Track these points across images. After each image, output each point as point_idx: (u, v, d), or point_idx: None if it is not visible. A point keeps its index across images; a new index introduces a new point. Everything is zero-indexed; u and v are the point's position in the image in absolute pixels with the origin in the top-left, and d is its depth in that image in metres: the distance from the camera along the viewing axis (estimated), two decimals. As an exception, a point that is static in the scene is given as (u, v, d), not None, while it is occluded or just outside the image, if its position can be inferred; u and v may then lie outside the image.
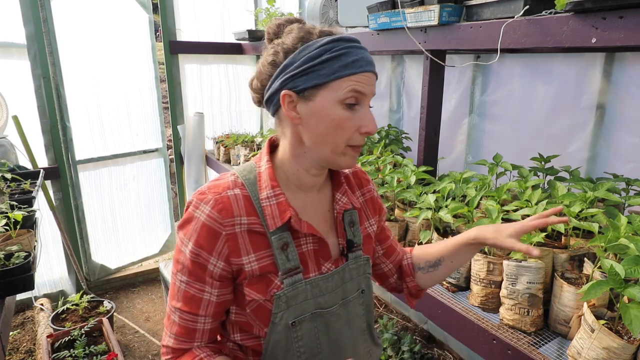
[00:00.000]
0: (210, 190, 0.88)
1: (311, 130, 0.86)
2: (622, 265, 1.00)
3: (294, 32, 0.87)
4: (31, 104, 2.92)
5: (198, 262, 0.86)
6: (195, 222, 0.85)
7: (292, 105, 0.86)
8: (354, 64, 0.84)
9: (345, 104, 0.84)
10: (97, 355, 2.33)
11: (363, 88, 0.84)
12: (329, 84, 0.83)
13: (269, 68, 0.88)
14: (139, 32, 3.31)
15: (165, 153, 3.69)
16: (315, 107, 0.84)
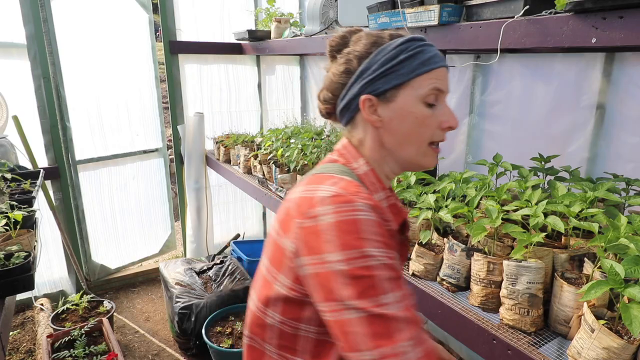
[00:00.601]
0: (350, 190, 0.76)
1: (394, 131, 0.87)
2: (622, 265, 1.00)
3: (364, 38, 0.89)
4: (31, 104, 2.92)
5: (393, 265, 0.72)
6: (365, 224, 0.71)
7: (372, 109, 0.87)
8: (431, 60, 0.85)
9: (425, 102, 0.85)
10: (97, 355, 2.33)
11: (442, 84, 0.86)
12: (409, 82, 0.85)
13: (342, 77, 0.89)
14: (139, 32, 3.31)
15: (165, 153, 3.69)
16: (397, 107, 0.85)
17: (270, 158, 2.62)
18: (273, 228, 0.85)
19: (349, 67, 0.88)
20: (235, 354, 2.47)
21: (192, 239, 3.67)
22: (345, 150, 0.92)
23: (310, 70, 3.90)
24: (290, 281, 0.78)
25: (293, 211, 0.78)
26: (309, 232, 0.73)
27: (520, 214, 1.33)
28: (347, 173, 0.86)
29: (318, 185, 0.79)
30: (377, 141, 0.89)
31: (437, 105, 0.86)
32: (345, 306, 0.68)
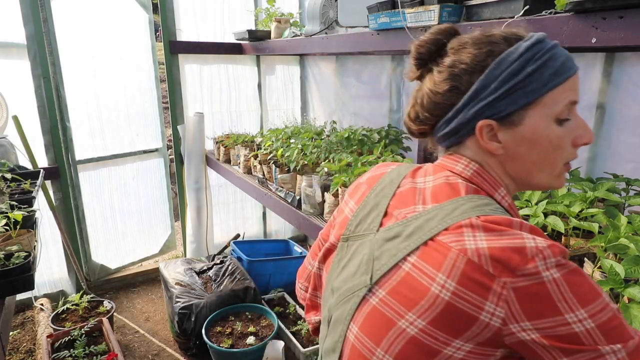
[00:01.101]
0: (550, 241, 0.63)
1: (521, 159, 0.73)
2: (622, 265, 1.00)
3: (471, 45, 0.73)
4: (31, 104, 2.92)
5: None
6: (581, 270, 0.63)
7: (491, 134, 0.73)
8: (564, 67, 0.70)
9: (559, 119, 0.71)
10: (97, 355, 2.33)
11: (577, 96, 0.72)
12: (541, 99, 0.70)
13: (446, 96, 0.74)
14: (139, 32, 3.31)
15: (165, 153, 3.69)
16: (525, 131, 0.71)
17: (270, 158, 2.62)
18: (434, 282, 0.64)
19: (456, 85, 0.73)
20: (235, 354, 2.47)
21: (192, 239, 3.67)
22: (482, 177, 0.75)
23: (310, 70, 3.90)
24: (474, 345, 0.64)
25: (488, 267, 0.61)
26: (531, 293, 0.60)
27: (520, 213, 1.32)
28: (502, 210, 0.71)
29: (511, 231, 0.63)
30: (498, 167, 0.76)
31: (570, 119, 0.72)
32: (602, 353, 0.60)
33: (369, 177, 0.92)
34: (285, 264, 3.40)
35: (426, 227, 0.69)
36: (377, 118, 3.10)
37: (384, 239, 0.75)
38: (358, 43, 2.03)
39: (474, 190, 0.73)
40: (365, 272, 0.74)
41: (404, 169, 0.86)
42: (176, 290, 2.75)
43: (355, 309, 0.74)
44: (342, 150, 2.34)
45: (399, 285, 0.69)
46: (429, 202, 0.74)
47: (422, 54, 0.78)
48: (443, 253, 0.65)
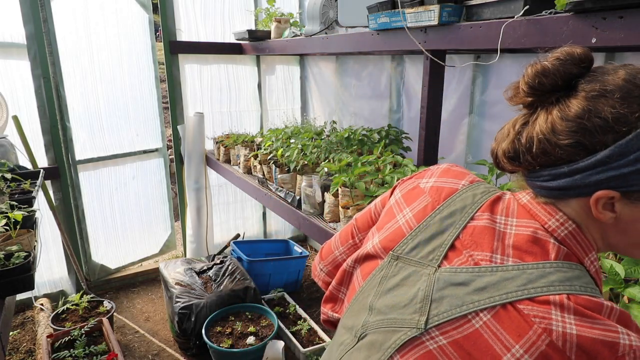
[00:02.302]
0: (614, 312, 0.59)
1: (630, 234, 0.64)
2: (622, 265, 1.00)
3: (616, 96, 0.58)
4: (31, 104, 2.92)
5: None
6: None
7: (608, 204, 0.62)
8: None
9: None
10: (97, 355, 2.33)
11: None
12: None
13: (567, 151, 0.61)
14: (139, 32, 3.31)
15: (165, 153, 3.69)
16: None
17: (270, 158, 2.62)
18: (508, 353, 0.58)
19: (583, 142, 0.60)
20: (235, 354, 2.47)
21: (192, 239, 3.67)
22: (576, 240, 0.66)
23: (310, 70, 3.91)
24: None
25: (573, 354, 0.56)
26: None
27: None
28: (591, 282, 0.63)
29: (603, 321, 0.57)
30: (598, 232, 0.67)
31: None
32: None
33: (434, 186, 0.80)
34: (285, 264, 3.40)
35: (504, 288, 0.62)
36: (377, 118, 3.10)
37: (448, 282, 0.67)
38: (358, 43, 2.03)
39: (565, 255, 0.64)
40: (419, 312, 0.67)
41: (480, 193, 0.75)
42: (176, 290, 2.75)
43: (402, 344, 0.68)
44: (342, 150, 2.34)
45: (465, 340, 0.62)
46: (510, 255, 0.65)
47: (543, 85, 0.63)
48: (524, 326, 0.58)
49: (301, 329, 2.75)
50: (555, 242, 0.64)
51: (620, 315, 0.58)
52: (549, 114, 0.63)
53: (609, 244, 0.68)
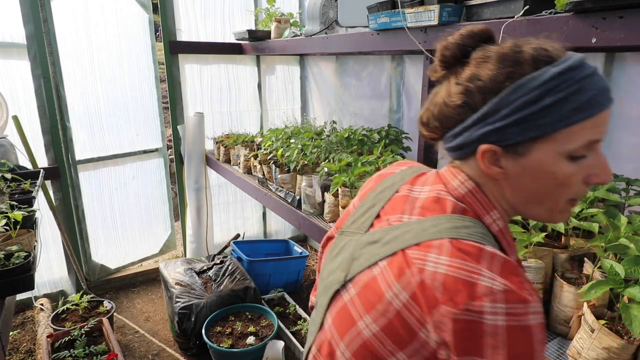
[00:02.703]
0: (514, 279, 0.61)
1: (520, 188, 0.69)
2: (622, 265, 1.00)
3: (494, 60, 0.66)
4: (31, 104, 2.92)
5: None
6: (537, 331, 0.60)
7: (493, 159, 0.68)
8: (592, 102, 0.62)
9: (572, 156, 0.64)
10: (97, 355, 2.33)
11: (601, 134, 0.64)
12: (553, 135, 0.63)
13: (458, 111, 0.69)
14: (139, 32, 3.31)
15: (165, 153, 3.69)
16: (528, 164, 0.66)
17: (270, 158, 2.62)
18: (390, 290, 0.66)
19: (467, 101, 0.68)
20: (235, 354, 2.47)
21: (192, 239, 3.67)
22: (474, 197, 0.72)
23: (310, 70, 3.91)
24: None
25: (437, 292, 0.61)
26: (467, 329, 0.59)
27: (520, 214, 1.32)
28: (485, 234, 0.68)
29: (478, 265, 0.61)
30: (497, 190, 0.71)
31: (588, 155, 0.65)
32: None
33: (380, 174, 0.93)
34: (285, 264, 3.40)
35: (402, 238, 0.70)
36: (377, 118, 3.10)
37: (367, 242, 0.77)
38: (358, 43, 2.03)
39: (461, 210, 0.70)
40: (343, 270, 0.78)
41: (409, 172, 0.85)
42: (176, 290, 2.75)
43: (329, 302, 0.79)
44: (342, 150, 2.34)
45: (366, 287, 0.71)
46: (416, 214, 0.73)
47: (446, 57, 0.71)
48: (405, 267, 0.66)
49: (301, 329, 2.75)
50: (453, 199, 0.72)
51: (504, 264, 0.62)
52: (449, 81, 0.72)
53: (509, 203, 0.72)
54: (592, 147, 0.65)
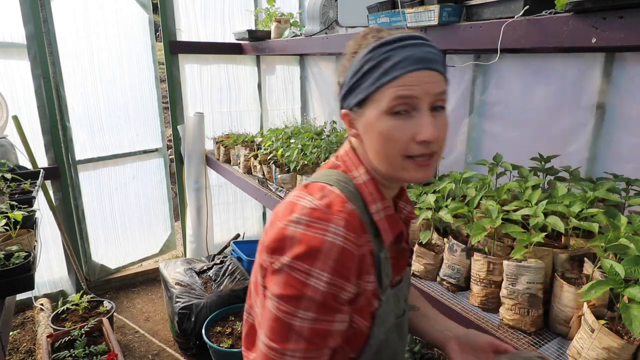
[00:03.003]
0: (332, 208, 0.75)
1: (368, 146, 0.81)
2: (622, 265, 1.00)
3: (351, 45, 0.83)
4: (31, 104, 2.92)
5: (334, 294, 0.73)
6: (330, 247, 0.72)
7: (351, 122, 0.83)
8: (396, 66, 0.75)
9: (392, 112, 0.76)
10: (97, 355, 2.33)
11: (409, 91, 0.74)
12: (372, 96, 0.77)
13: (338, 84, 0.86)
14: (139, 32, 3.31)
15: (165, 153, 3.69)
16: (365, 123, 0.79)
17: (270, 158, 2.62)
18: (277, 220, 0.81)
19: (339, 80, 0.85)
20: (235, 354, 2.47)
21: (192, 239, 3.67)
22: (347, 156, 0.87)
23: (310, 70, 3.90)
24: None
25: (279, 214, 0.79)
26: (279, 235, 0.75)
27: (520, 214, 1.33)
28: (345, 182, 0.82)
29: (308, 194, 0.78)
30: (362, 151, 0.85)
31: (413, 114, 0.76)
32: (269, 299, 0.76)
33: None
34: (285, 264, 3.39)
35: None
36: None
37: None
38: (358, 43, 2.02)
39: (333, 166, 0.88)
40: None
41: None
42: (176, 290, 2.75)
43: None
44: (342, 150, 2.33)
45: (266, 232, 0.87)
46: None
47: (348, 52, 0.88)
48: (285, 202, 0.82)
49: (301, 329, 2.75)
50: (334, 160, 0.89)
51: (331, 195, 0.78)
52: None
53: (369, 161, 0.84)
54: (416, 106, 0.76)
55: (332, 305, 0.74)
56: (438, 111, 0.78)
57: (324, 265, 0.71)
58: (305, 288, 0.72)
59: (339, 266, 0.72)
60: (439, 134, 0.76)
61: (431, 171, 0.80)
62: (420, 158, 0.77)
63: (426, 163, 0.78)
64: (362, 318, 0.80)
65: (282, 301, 0.73)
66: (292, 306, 0.73)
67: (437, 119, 0.77)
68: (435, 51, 0.78)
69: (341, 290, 0.74)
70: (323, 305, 0.73)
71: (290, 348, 0.73)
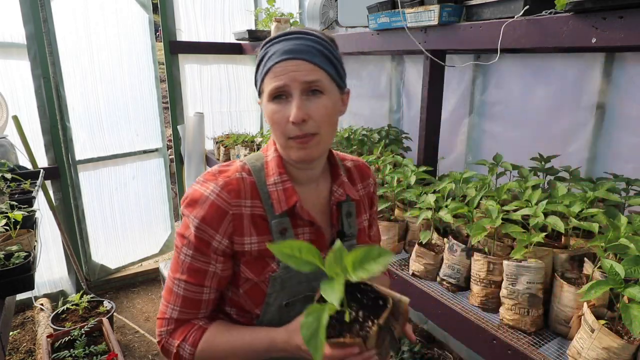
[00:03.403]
0: (221, 173, 0.92)
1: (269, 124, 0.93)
2: (622, 265, 1.00)
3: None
4: (31, 104, 2.92)
5: (203, 239, 0.88)
6: (204, 200, 0.88)
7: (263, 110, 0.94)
8: (269, 60, 0.87)
9: (272, 98, 0.88)
10: (97, 355, 2.33)
11: (279, 80, 0.85)
12: (261, 86, 0.91)
13: None
14: (139, 32, 3.31)
15: (165, 153, 3.69)
16: (263, 109, 0.93)
17: (270, 158, 2.62)
18: None
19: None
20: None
21: (192, 239, 3.67)
22: (270, 140, 1.00)
23: (310, 70, 3.90)
24: None
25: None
26: (188, 189, 0.93)
27: (520, 214, 1.33)
28: (256, 159, 0.97)
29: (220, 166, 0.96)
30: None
31: (289, 100, 0.86)
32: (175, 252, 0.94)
33: None
34: (285, 264, 3.39)
35: None
36: (377, 118, 3.10)
37: None
38: (358, 43, 2.03)
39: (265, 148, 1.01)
40: None
41: None
42: (176, 290, 2.75)
43: None
44: (342, 150, 2.34)
45: None
46: None
47: None
48: None
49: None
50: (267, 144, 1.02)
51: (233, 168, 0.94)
52: None
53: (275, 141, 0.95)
54: (289, 93, 0.85)
55: (203, 249, 0.89)
56: (315, 95, 0.87)
57: (197, 213, 0.88)
58: (186, 229, 0.90)
59: (208, 216, 0.87)
60: (304, 116, 0.85)
61: (313, 151, 0.89)
62: (298, 139, 0.87)
63: (305, 142, 0.87)
64: (253, 273, 0.92)
65: (177, 238, 0.93)
66: (180, 242, 0.92)
67: (312, 102, 0.86)
68: (311, 43, 0.87)
69: (210, 237, 0.88)
70: (196, 247, 0.89)
71: (177, 277, 0.92)
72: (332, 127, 0.93)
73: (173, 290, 0.93)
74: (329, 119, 0.90)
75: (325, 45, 0.90)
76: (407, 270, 1.61)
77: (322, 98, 0.87)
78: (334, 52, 0.93)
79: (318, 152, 0.91)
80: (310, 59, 0.86)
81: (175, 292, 0.93)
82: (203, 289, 0.92)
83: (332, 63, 0.91)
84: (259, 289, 0.93)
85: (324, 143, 0.91)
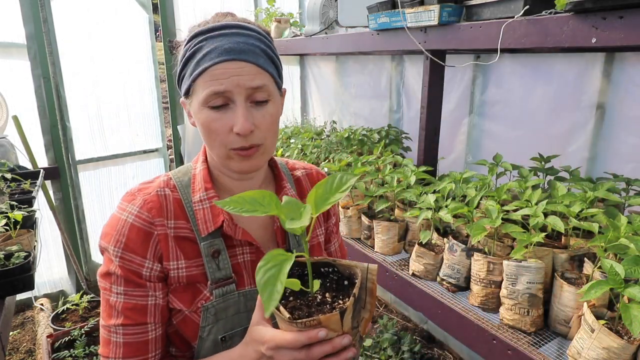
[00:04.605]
0: (141, 192, 0.81)
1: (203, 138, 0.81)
2: (622, 265, 1.00)
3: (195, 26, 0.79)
4: (31, 104, 2.92)
5: (131, 269, 0.77)
6: (122, 225, 0.77)
7: (189, 111, 0.81)
8: (205, 58, 0.72)
9: (208, 105, 0.74)
10: (97, 355, 2.33)
11: (219, 86, 0.72)
12: (192, 87, 0.76)
13: None
14: (139, 32, 3.31)
15: (165, 153, 3.69)
16: (193, 112, 0.79)
17: (270, 158, 2.62)
18: None
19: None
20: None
21: (192, 239, 3.67)
22: (201, 149, 0.89)
23: (310, 70, 3.90)
24: None
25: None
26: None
27: (520, 214, 1.33)
28: (184, 173, 0.86)
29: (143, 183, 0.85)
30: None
31: (231, 106, 0.75)
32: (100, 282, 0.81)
33: None
34: (285, 264, 3.39)
35: None
36: (377, 118, 3.10)
37: None
38: (358, 43, 2.03)
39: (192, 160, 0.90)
40: None
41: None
42: (176, 290, 2.75)
43: None
44: (342, 150, 2.34)
45: None
46: None
47: None
48: None
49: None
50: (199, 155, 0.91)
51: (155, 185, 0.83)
52: None
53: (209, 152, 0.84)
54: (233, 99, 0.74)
55: (135, 280, 0.77)
56: (261, 104, 0.76)
57: (116, 242, 0.77)
58: (110, 264, 0.78)
59: (129, 242, 0.76)
60: (251, 127, 0.74)
61: (258, 162, 0.80)
62: (244, 150, 0.76)
63: (249, 154, 0.77)
64: (182, 303, 0.80)
65: (101, 280, 0.80)
66: (106, 283, 0.78)
67: (258, 110, 0.76)
68: (253, 41, 0.75)
69: (137, 265, 0.77)
70: (126, 279, 0.77)
71: (112, 324, 0.78)
72: (276, 135, 0.83)
73: (111, 341, 0.77)
74: (274, 127, 0.80)
75: (266, 43, 0.78)
76: (407, 270, 1.61)
77: (268, 106, 0.77)
78: (274, 49, 0.81)
79: (262, 163, 0.82)
80: (255, 60, 0.74)
81: (114, 342, 0.77)
82: (147, 327, 0.78)
83: (274, 63, 0.80)
84: (190, 321, 0.80)
85: (268, 152, 0.81)
